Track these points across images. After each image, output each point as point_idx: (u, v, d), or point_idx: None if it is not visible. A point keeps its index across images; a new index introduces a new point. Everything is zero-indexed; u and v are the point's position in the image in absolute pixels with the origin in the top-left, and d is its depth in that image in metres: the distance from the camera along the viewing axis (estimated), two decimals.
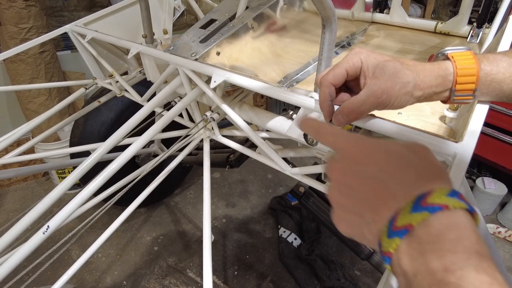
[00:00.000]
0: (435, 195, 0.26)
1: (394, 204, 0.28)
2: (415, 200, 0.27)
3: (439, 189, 0.27)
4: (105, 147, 0.75)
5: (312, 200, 1.33)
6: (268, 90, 0.68)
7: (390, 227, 0.28)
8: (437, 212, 0.25)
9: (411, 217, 0.26)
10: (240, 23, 0.87)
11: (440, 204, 0.26)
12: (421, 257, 0.25)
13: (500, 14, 0.99)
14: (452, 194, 0.27)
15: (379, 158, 0.31)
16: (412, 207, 0.27)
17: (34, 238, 0.66)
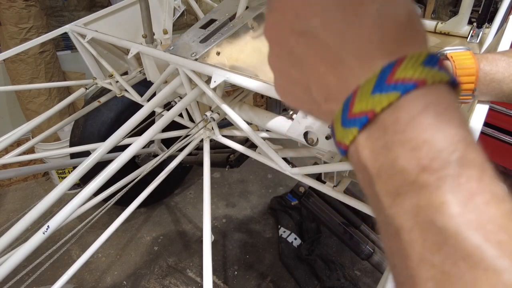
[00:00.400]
0: (407, 65, 0.18)
1: (349, 79, 0.20)
2: (379, 74, 0.19)
3: (413, 56, 0.19)
4: (105, 147, 0.75)
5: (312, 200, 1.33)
6: (268, 90, 0.68)
7: (345, 112, 0.20)
8: (411, 92, 0.18)
9: (373, 100, 0.18)
10: (240, 23, 0.87)
11: (414, 79, 0.18)
12: (386, 151, 0.18)
13: (500, 14, 0.99)
14: (430, 61, 0.18)
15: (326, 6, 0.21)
16: (374, 84, 0.19)
17: (34, 238, 0.66)
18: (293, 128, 0.73)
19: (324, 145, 0.68)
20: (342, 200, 0.75)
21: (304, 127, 0.69)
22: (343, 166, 0.67)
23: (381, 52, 0.20)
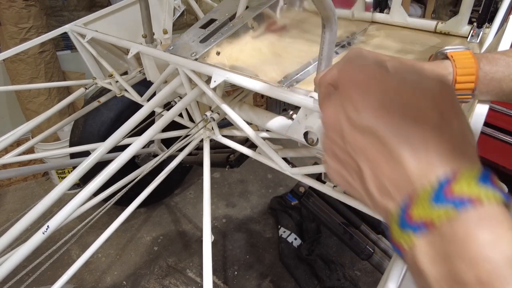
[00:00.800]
0: (463, 182, 0.20)
1: (406, 184, 0.22)
2: (437, 186, 0.21)
3: (467, 172, 0.21)
4: (104, 147, 0.75)
5: (312, 200, 1.32)
6: (268, 90, 0.68)
7: (402, 216, 0.22)
8: (468, 208, 0.19)
9: (432, 212, 0.20)
10: (240, 23, 0.86)
11: (470, 196, 0.20)
12: (445, 262, 0.20)
13: (500, 14, 0.99)
14: (484, 180, 0.20)
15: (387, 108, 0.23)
16: (433, 196, 0.20)
17: (34, 238, 0.66)
18: (293, 128, 0.73)
19: None
20: (342, 200, 0.75)
21: (304, 127, 0.69)
22: None
23: (438, 161, 0.21)
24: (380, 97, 0.24)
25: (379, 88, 0.24)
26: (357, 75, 0.26)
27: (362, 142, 0.24)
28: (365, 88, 0.25)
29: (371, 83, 0.25)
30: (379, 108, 0.24)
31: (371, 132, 0.24)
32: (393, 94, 0.24)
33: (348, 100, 0.25)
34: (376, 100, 0.24)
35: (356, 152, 0.25)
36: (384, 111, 0.23)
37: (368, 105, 0.24)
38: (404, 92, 0.24)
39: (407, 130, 0.23)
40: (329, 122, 0.27)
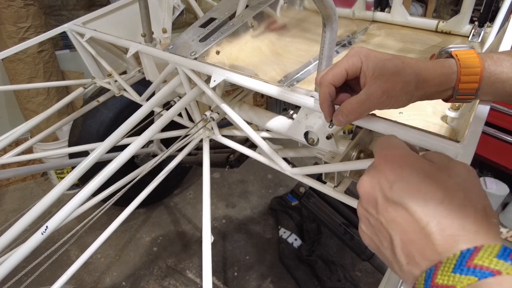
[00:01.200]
0: (484, 255, 0.23)
1: (432, 254, 0.25)
2: (459, 257, 0.24)
3: (488, 248, 0.23)
4: (104, 147, 0.75)
5: (313, 201, 1.32)
6: (268, 89, 0.67)
7: (427, 281, 0.25)
8: (487, 279, 0.22)
9: (455, 279, 0.23)
10: (240, 22, 0.86)
11: (490, 269, 0.22)
12: None
13: (501, 13, 0.99)
14: (503, 256, 0.23)
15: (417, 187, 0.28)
16: (455, 265, 0.23)
17: (32, 239, 0.66)
18: (293, 128, 0.72)
19: (324, 145, 0.68)
20: (342, 201, 0.74)
21: (304, 127, 0.68)
22: (344, 166, 0.66)
23: (462, 235, 0.25)
24: (410, 177, 0.29)
25: (411, 169, 0.29)
26: (393, 158, 0.31)
27: (394, 214, 0.28)
28: (399, 169, 0.30)
29: (404, 165, 0.30)
30: (410, 186, 0.28)
31: (402, 206, 0.28)
32: (423, 174, 0.29)
33: (384, 178, 0.30)
34: (407, 179, 0.29)
35: (388, 222, 0.29)
36: (414, 189, 0.28)
37: (400, 183, 0.29)
38: (432, 173, 0.29)
39: (434, 207, 0.26)
40: (365, 194, 0.31)
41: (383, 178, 0.30)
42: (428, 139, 0.51)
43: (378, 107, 0.46)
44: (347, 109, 0.47)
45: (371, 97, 0.45)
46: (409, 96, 0.46)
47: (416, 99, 0.47)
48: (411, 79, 0.45)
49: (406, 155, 0.31)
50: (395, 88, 0.44)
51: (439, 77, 0.46)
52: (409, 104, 0.48)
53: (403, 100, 0.46)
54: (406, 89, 0.45)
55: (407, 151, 0.32)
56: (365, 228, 0.32)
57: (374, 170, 0.32)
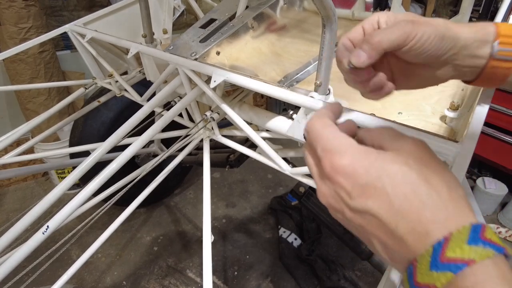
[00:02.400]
0: (454, 244, 0.22)
1: (408, 254, 0.25)
2: (432, 254, 0.23)
3: (457, 234, 0.23)
4: (104, 147, 0.75)
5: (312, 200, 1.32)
6: (268, 89, 0.67)
7: (411, 281, 0.24)
8: (463, 271, 0.22)
9: (433, 277, 0.23)
10: (240, 22, 0.86)
11: (463, 260, 0.22)
12: None
13: (500, 13, 0.99)
14: (474, 239, 0.22)
15: (380, 191, 0.26)
16: (430, 262, 0.23)
17: (33, 238, 0.66)
18: (293, 128, 0.73)
19: None
20: None
21: (304, 127, 0.69)
22: None
23: (433, 227, 0.24)
24: (365, 180, 0.27)
25: (363, 170, 0.27)
26: (341, 164, 0.28)
27: (362, 221, 0.27)
28: (350, 175, 0.28)
29: (355, 168, 0.28)
30: (368, 190, 0.27)
31: (368, 213, 0.27)
32: (376, 172, 0.27)
33: (339, 188, 0.28)
34: (363, 183, 0.27)
35: (360, 230, 0.28)
36: (373, 191, 0.26)
37: (358, 190, 0.27)
38: (385, 167, 0.27)
39: (399, 205, 0.25)
40: (330, 207, 0.30)
41: (339, 188, 0.28)
42: (427, 139, 0.51)
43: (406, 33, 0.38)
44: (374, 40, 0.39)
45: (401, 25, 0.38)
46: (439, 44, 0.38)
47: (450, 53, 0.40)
48: (448, 32, 0.39)
49: (350, 158, 0.28)
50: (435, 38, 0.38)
51: (475, 33, 0.40)
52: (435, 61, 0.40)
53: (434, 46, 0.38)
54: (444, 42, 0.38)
55: (346, 150, 0.29)
56: (347, 226, 0.31)
57: (328, 181, 0.30)
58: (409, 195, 0.25)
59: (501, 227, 1.93)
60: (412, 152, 0.28)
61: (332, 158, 0.29)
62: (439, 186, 0.26)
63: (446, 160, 0.51)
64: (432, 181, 0.26)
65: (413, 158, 0.28)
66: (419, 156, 0.28)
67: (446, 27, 0.39)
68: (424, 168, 0.27)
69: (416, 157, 0.28)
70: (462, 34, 0.40)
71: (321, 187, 0.31)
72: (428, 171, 0.27)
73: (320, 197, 0.31)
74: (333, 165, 0.29)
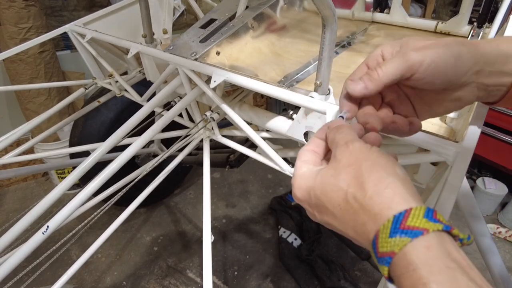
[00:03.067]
0: (414, 216, 0.26)
1: (371, 223, 0.28)
2: (392, 222, 0.26)
3: (416, 210, 0.26)
4: (104, 147, 0.75)
5: None
6: (268, 90, 0.67)
7: (375, 251, 0.27)
8: (418, 237, 0.25)
9: (392, 243, 0.26)
10: (240, 22, 0.86)
11: (420, 228, 0.25)
12: (409, 284, 0.25)
13: (500, 13, 0.99)
14: (429, 216, 0.26)
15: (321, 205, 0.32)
16: (390, 229, 0.26)
17: (33, 238, 0.66)
18: (293, 128, 0.73)
19: None
20: None
21: (304, 127, 0.69)
22: None
23: (393, 204, 0.27)
24: (313, 202, 0.34)
25: (307, 198, 0.34)
26: (295, 195, 0.36)
27: (332, 227, 0.33)
28: (307, 201, 0.35)
29: (303, 197, 0.35)
30: (318, 209, 0.33)
31: (328, 224, 0.33)
32: (314, 196, 0.33)
33: (306, 207, 0.36)
34: (313, 205, 0.34)
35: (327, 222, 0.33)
36: (322, 210, 0.33)
37: (314, 209, 0.34)
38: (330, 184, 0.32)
39: (339, 216, 0.31)
40: (307, 211, 0.36)
41: (307, 208, 0.36)
42: (427, 139, 0.51)
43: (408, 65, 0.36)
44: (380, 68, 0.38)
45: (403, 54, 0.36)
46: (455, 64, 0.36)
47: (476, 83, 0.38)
48: (465, 49, 0.36)
49: (299, 186, 0.35)
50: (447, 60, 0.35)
51: (495, 46, 0.38)
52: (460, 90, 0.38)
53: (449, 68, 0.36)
54: (460, 61, 0.36)
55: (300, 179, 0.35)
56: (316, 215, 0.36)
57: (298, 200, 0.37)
58: (342, 204, 0.30)
59: (501, 227, 1.93)
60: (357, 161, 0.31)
61: (294, 185, 0.36)
62: (399, 172, 0.30)
63: (446, 160, 0.51)
64: (389, 169, 0.30)
65: (347, 163, 0.32)
66: (354, 159, 0.31)
67: (461, 44, 0.36)
68: (358, 169, 0.31)
69: (350, 164, 0.31)
70: (483, 49, 0.37)
71: (293, 191, 0.36)
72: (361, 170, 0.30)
73: (294, 195, 0.37)
74: (294, 192, 0.36)
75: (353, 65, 1.01)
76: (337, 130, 0.36)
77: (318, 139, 0.38)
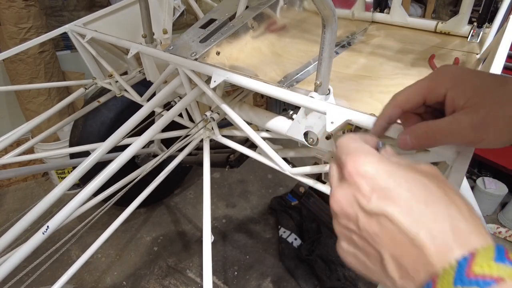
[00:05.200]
0: (481, 261, 0.21)
1: (426, 266, 0.23)
2: (456, 268, 0.22)
3: (483, 251, 0.22)
4: (104, 147, 0.75)
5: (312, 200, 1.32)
6: (268, 90, 0.67)
7: None
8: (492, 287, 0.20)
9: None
10: (240, 22, 0.86)
11: (492, 276, 0.21)
12: None
13: (500, 13, 0.99)
14: (500, 257, 0.21)
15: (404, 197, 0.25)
16: (455, 277, 0.21)
17: (33, 239, 0.66)
18: (293, 128, 0.73)
19: (324, 145, 0.68)
20: None
21: (304, 127, 0.69)
22: None
23: (453, 240, 0.23)
24: (387, 184, 0.26)
25: (385, 175, 0.27)
26: (363, 167, 0.28)
27: (377, 228, 0.26)
28: (373, 178, 0.27)
29: (377, 172, 0.27)
30: (389, 193, 0.26)
31: (386, 216, 0.25)
32: (398, 178, 0.26)
33: (358, 191, 0.27)
34: (384, 186, 0.26)
35: (374, 239, 0.26)
36: (394, 195, 0.25)
37: (378, 192, 0.26)
38: (406, 174, 0.27)
39: (420, 212, 0.24)
40: (342, 212, 0.29)
41: (357, 192, 0.27)
42: None
43: (464, 142, 0.36)
44: (420, 131, 0.38)
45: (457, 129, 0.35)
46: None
47: None
48: None
49: (374, 161, 0.28)
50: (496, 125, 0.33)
51: None
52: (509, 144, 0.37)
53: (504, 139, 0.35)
54: None
55: (372, 155, 0.29)
56: (347, 246, 0.30)
57: (346, 184, 0.29)
58: (431, 204, 0.24)
59: (501, 227, 1.93)
60: (430, 171, 0.28)
61: (355, 160, 0.29)
62: (458, 202, 0.25)
63: (447, 160, 0.51)
64: (451, 196, 0.25)
65: (431, 174, 0.28)
66: (436, 174, 0.28)
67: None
68: (441, 184, 0.26)
69: (433, 175, 0.28)
70: None
71: (336, 192, 0.30)
72: (445, 187, 0.26)
73: (333, 203, 0.30)
74: (355, 166, 0.28)
75: (353, 65, 1.01)
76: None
77: None
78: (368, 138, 0.35)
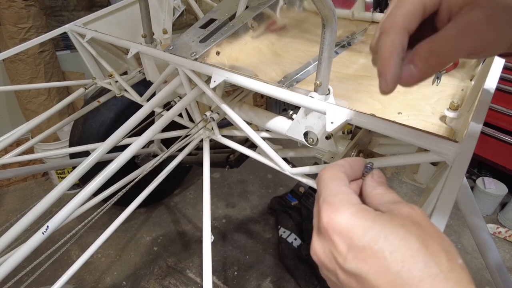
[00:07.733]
0: None
1: None
2: None
3: None
4: (104, 147, 0.75)
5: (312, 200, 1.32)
6: (268, 90, 0.67)
7: None
8: None
9: None
10: (240, 22, 0.86)
11: None
12: None
13: None
14: None
15: (372, 252, 0.25)
16: None
17: (33, 239, 0.66)
18: (293, 128, 0.73)
19: (324, 145, 0.68)
20: None
21: (304, 127, 0.69)
22: None
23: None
24: (362, 242, 0.26)
25: (361, 231, 0.26)
26: (338, 224, 0.28)
27: (357, 286, 0.26)
28: (347, 235, 0.27)
29: (351, 229, 0.27)
30: (364, 254, 0.25)
31: (363, 278, 0.25)
32: (376, 235, 0.26)
33: (333, 247, 0.27)
34: (359, 245, 0.26)
35: None
36: (369, 255, 0.25)
37: (353, 252, 0.26)
38: (384, 230, 0.26)
39: (395, 274, 0.24)
40: (323, 265, 0.29)
41: (334, 249, 0.27)
42: (427, 139, 0.51)
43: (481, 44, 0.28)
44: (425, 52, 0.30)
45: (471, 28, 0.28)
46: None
47: None
48: None
49: (349, 216, 0.28)
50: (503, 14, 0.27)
51: None
52: None
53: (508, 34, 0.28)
54: None
55: (348, 205, 0.29)
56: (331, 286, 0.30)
57: (322, 238, 0.29)
58: (407, 262, 0.24)
59: (501, 227, 1.93)
60: (409, 216, 0.27)
61: (330, 213, 0.28)
62: (438, 254, 0.25)
63: (446, 160, 0.51)
64: (431, 247, 0.25)
65: (411, 221, 0.27)
66: (416, 220, 0.27)
67: None
68: (421, 233, 0.26)
69: (413, 221, 0.27)
70: None
71: (315, 244, 0.30)
72: (426, 235, 0.26)
73: (312, 254, 0.30)
74: (330, 221, 0.28)
75: (353, 65, 1.01)
76: None
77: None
78: (355, 162, 0.34)
